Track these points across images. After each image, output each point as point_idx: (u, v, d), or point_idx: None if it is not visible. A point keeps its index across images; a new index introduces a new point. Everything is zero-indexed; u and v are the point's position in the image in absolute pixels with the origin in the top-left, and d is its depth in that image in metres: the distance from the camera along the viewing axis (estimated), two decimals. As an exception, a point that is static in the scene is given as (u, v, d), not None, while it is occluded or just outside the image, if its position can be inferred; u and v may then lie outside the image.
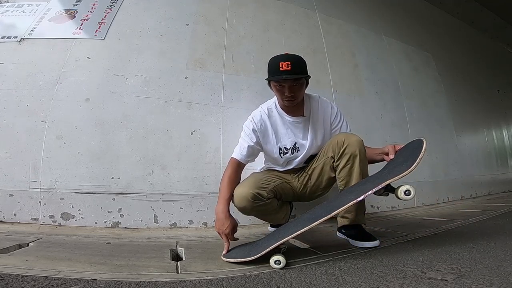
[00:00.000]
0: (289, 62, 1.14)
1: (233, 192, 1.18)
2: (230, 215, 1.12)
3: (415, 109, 2.68)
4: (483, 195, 3.18)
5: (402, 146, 1.15)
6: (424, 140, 1.01)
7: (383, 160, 1.20)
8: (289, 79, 1.15)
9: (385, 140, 2.31)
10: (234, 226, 1.11)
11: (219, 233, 1.11)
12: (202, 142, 1.73)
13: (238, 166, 1.25)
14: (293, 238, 0.96)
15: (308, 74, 1.21)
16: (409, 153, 1.04)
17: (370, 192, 0.94)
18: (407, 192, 0.94)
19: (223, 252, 1.05)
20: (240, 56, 1.99)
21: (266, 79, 1.24)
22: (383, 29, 2.84)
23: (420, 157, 0.95)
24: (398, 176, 0.94)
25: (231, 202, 1.18)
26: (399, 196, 0.95)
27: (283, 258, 0.92)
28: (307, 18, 2.38)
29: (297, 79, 1.17)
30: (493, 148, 3.74)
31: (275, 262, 0.92)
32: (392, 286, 0.75)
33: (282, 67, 1.14)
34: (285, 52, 1.24)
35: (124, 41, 1.84)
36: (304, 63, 1.21)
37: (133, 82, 1.74)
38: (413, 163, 0.94)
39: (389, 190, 0.99)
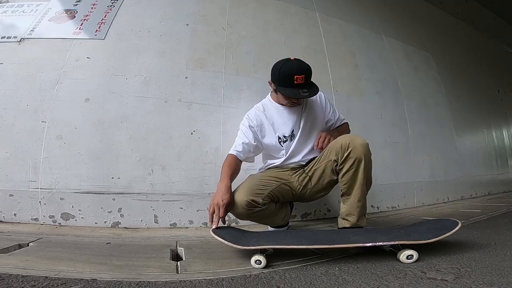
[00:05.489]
0: (303, 76, 1.16)
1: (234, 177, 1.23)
2: (231, 190, 1.14)
3: (415, 109, 2.68)
4: (483, 195, 3.18)
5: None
6: (459, 223, 1.03)
7: None
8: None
9: (385, 140, 2.31)
10: (231, 202, 1.12)
11: (214, 205, 1.10)
12: (202, 142, 1.73)
13: (234, 161, 1.29)
14: (280, 249, 0.98)
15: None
16: (437, 227, 1.07)
17: (379, 244, 0.97)
18: (409, 257, 0.95)
19: (213, 226, 1.07)
20: (240, 56, 1.99)
21: (276, 89, 1.25)
22: (383, 29, 2.84)
23: (445, 235, 0.98)
24: (411, 242, 0.96)
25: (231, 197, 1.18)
26: (400, 259, 0.95)
27: (264, 259, 0.94)
28: (307, 18, 2.38)
29: None
30: (493, 148, 3.73)
31: (255, 262, 0.94)
32: (392, 286, 0.75)
33: (297, 81, 1.16)
34: (293, 57, 1.24)
35: (124, 41, 1.84)
36: (311, 72, 1.23)
37: (133, 82, 1.74)
38: (434, 238, 0.97)
39: (394, 247, 1.00)
